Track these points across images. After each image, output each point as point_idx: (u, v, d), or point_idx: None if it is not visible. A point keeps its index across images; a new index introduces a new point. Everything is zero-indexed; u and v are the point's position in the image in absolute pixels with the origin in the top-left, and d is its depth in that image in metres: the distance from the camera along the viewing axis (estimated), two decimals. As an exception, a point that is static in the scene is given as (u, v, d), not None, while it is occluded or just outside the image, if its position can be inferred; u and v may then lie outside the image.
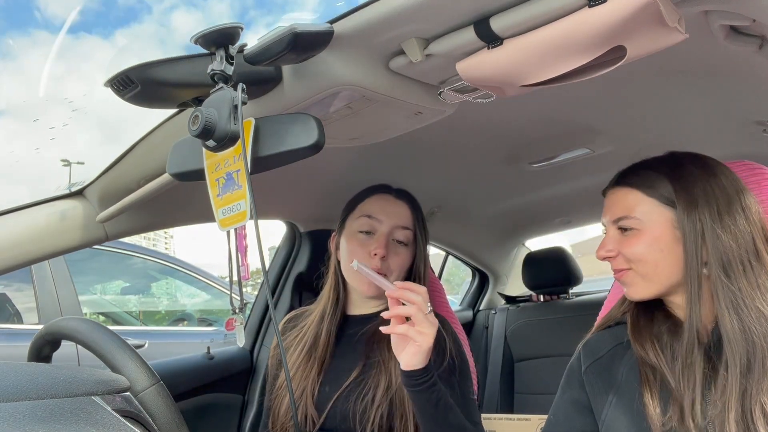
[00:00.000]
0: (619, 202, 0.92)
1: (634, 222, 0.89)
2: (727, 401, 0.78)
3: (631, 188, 0.91)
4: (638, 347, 0.90)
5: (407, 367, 0.96)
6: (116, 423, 0.60)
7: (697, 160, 0.92)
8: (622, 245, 0.91)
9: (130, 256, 3.58)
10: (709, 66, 1.01)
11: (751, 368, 0.79)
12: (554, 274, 2.41)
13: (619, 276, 0.93)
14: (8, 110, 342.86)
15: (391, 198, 1.22)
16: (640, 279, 0.90)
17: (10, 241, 1.05)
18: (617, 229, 0.92)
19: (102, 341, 0.87)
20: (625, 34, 0.65)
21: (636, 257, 0.89)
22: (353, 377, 1.12)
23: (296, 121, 0.74)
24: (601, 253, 0.93)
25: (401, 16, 0.70)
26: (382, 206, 1.19)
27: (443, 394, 1.00)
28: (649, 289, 0.90)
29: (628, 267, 0.90)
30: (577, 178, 1.76)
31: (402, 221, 1.18)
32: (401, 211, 1.20)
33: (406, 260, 1.18)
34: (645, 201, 0.89)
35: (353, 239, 1.18)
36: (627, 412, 0.87)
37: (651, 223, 0.88)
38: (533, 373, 2.32)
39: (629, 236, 0.90)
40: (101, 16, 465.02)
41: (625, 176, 0.94)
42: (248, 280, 0.95)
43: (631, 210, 0.90)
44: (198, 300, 4.30)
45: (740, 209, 0.86)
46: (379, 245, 1.14)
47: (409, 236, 1.18)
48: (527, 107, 1.20)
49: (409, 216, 1.20)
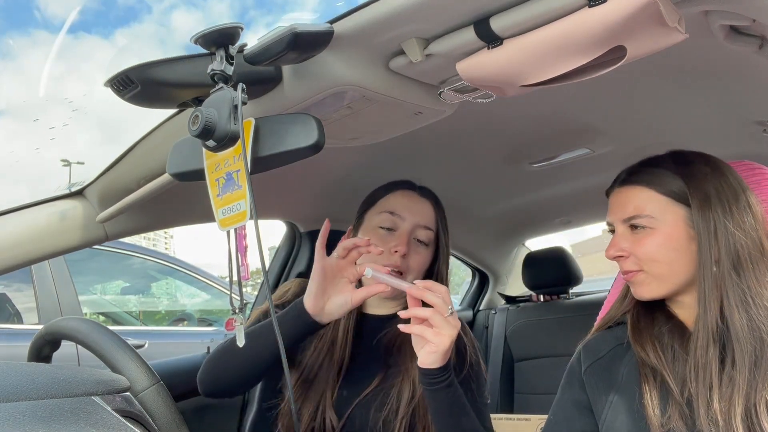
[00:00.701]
0: (630, 200, 0.90)
1: (647, 220, 0.88)
2: (734, 397, 0.78)
3: (643, 186, 0.90)
4: (638, 348, 0.89)
5: (423, 365, 0.94)
6: (116, 423, 0.60)
7: (702, 158, 0.91)
8: (633, 245, 0.89)
9: (130, 256, 3.58)
10: (709, 66, 1.01)
11: (758, 364, 0.79)
12: (554, 274, 2.40)
13: (629, 277, 0.91)
14: (8, 110, 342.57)
15: (416, 195, 1.18)
16: (651, 279, 0.88)
17: (10, 241, 1.05)
18: (628, 228, 0.90)
19: (102, 341, 0.87)
20: (625, 34, 0.65)
21: (649, 257, 0.88)
22: (375, 384, 1.10)
23: (296, 121, 0.74)
24: (612, 253, 0.91)
25: (401, 16, 0.70)
26: (405, 203, 1.16)
27: (459, 396, 0.98)
28: (660, 289, 0.89)
29: (639, 268, 0.89)
30: (577, 178, 1.76)
31: (425, 220, 1.15)
32: (425, 209, 1.17)
33: (425, 260, 1.16)
34: (657, 199, 0.88)
35: (373, 235, 1.14)
36: (627, 412, 0.87)
37: (664, 222, 0.87)
38: (533, 373, 2.32)
39: (641, 236, 0.89)
40: (101, 16, 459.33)
41: (634, 174, 0.92)
42: (248, 280, 0.95)
43: (644, 208, 0.88)
44: (198, 300, 4.30)
45: (747, 207, 0.87)
46: (400, 242, 1.11)
47: (430, 236, 1.16)
48: (527, 107, 1.20)
49: (433, 215, 1.17)
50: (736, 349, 0.81)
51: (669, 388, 0.83)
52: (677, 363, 0.86)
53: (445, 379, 0.95)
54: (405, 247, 1.11)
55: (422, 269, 1.16)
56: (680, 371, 0.85)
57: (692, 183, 0.87)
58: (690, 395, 0.82)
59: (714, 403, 0.79)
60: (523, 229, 2.51)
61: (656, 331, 0.91)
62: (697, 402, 0.80)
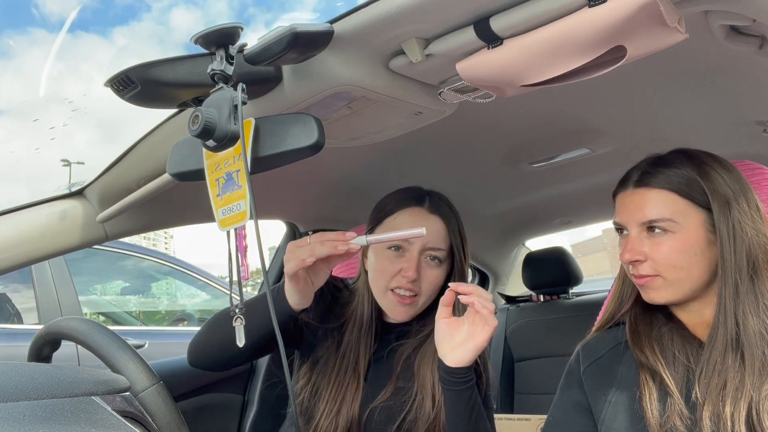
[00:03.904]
0: (649, 202, 0.86)
1: (668, 224, 0.84)
2: (740, 401, 0.77)
3: (662, 189, 0.86)
4: (637, 351, 0.88)
5: (454, 363, 0.93)
6: (116, 423, 0.60)
7: (711, 157, 0.89)
8: (651, 249, 0.86)
9: (129, 256, 3.58)
10: (709, 66, 1.01)
11: (765, 367, 0.78)
12: (554, 274, 2.40)
13: (644, 281, 0.88)
14: (8, 110, 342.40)
15: (424, 213, 1.12)
16: (668, 284, 0.86)
17: (10, 241, 1.05)
18: (644, 231, 0.87)
19: (102, 341, 0.87)
20: (625, 34, 0.65)
21: (668, 262, 0.84)
22: (394, 397, 1.08)
23: (296, 121, 0.74)
24: (629, 257, 0.87)
25: (401, 16, 0.70)
26: (413, 224, 1.08)
27: (478, 400, 0.97)
28: (675, 294, 0.86)
29: (655, 273, 0.86)
30: (577, 178, 1.76)
31: (434, 241, 1.09)
32: (434, 229, 1.10)
33: (438, 278, 1.11)
34: (678, 202, 0.85)
35: (381, 256, 1.10)
36: (626, 411, 0.86)
37: (686, 226, 0.84)
38: (533, 373, 2.32)
39: (660, 239, 0.85)
40: (99, 14, 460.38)
41: (651, 175, 0.88)
42: (248, 280, 0.95)
43: (665, 212, 0.85)
44: (198, 300, 4.30)
45: (757, 208, 0.86)
46: (409, 266, 1.07)
47: (442, 255, 1.11)
48: (527, 107, 1.20)
49: (444, 233, 1.11)
50: (746, 353, 0.79)
51: (669, 390, 0.83)
52: (678, 365, 0.85)
53: (470, 378, 0.95)
54: (415, 272, 1.07)
55: (436, 288, 1.11)
56: (681, 373, 0.84)
57: (711, 185, 0.84)
58: (695, 398, 0.81)
59: (726, 407, 0.77)
60: (523, 229, 2.51)
61: (655, 334, 0.90)
62: (704, 406, 0.79)
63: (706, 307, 0.88)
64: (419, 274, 1.08)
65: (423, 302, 1.11)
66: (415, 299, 1.10)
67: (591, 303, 2.25)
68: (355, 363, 1.12)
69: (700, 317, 0.89)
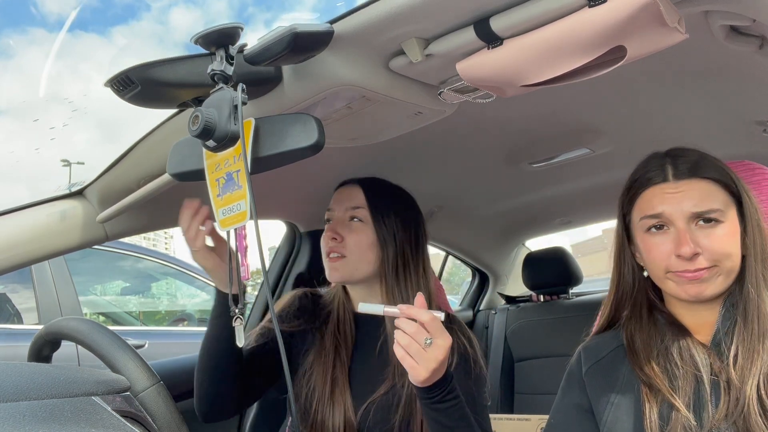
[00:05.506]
0: (701, 193, 0.86)
1: (720, 214, 0.85)
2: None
3: (708, 180, 0.87)
4: (637, 370, 0.88)
5: (423, 383, 0.90)
6: (116, 423, 0.60)
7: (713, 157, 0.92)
8: (708, 240, 0.85)
9: (129, 256, 3.58)
10: (709, 66, 1.01)
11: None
12: (554, 274, 2.40)
13: (699, 275, 0.84)
14: (8, 110, 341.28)
15: (346, 187, 1.25)
16: (722, 276, 0.85)
17: (10, 241, 1.05)
18: (694, 223, 0.86)
19: (102, 341, 0.87)
20: (625, 34, 0.65)
21: (724, 251, 0.84)
22: (384, 389, 1.11)
23: (296, 121, 0.74)
24: (689, 250, 0.83)
25: (401, 16, 0.70)
26: (336, 197, 1.24)
27: (456, 409, 0.94)
28: (724, 284, 0.86)
29: (713, 264, 0.84)
30: (577, 178, 1.76)
31: (353, 202, 1.20)
32: (352, 194, 1.22)
33: (362, 236, 1.17)
34: (723, 192, 0.87)
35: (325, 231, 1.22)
36: (628, 413, 0.86)
37: (730, 215, 0.87)
38: (533, 373, 2.32)
39: (713, 230, 0.85)
40: (98, 14, 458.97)
41: (694, 166, 0.88)
42: (248, 280, 0.95)
43: (717, 201, 0.86)
44: (198, 300, 4.30)
45: (758, 204, 0.90)
46: (329, 228, 1.20)
47: (362, 213, 1.19)
48: (527, 107, 1.20)
49: (361, 196, 1.21)
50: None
51: (675, 406, 0.82)
52: (686, 374, 0.84)
53: (437, 395, 0.91)
54: (333, 231, 1.18)
55: (361, 244, 1.17)
56: (689, 381, 0.84)
57: (735, 178, 0.88)
58: (698, 405, 0.81)
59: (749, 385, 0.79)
60: (523, 229, 2.51)
61: (655, 349, 0.89)
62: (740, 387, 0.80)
63: (710, 307, 0.88)
64: (344, 234, 1.18)
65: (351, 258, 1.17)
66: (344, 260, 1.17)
67: (591, 303, 2.25)
68: (339, 356, 1.15)
69: (702, 318, 0.89)
